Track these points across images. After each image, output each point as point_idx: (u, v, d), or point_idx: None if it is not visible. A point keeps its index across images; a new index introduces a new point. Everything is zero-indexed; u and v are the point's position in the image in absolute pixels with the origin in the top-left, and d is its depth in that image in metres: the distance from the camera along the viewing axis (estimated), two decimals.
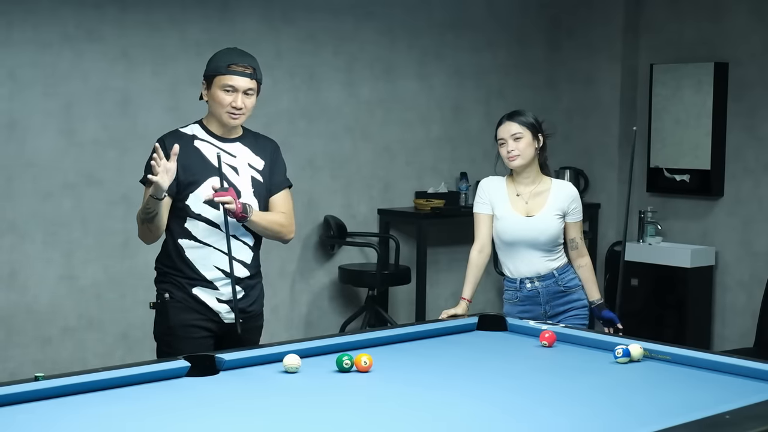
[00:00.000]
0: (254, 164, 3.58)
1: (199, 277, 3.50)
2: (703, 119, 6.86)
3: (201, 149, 3.51)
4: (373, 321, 6.42)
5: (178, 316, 3.50)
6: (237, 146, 3.57)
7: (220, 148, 3.52)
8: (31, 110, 5.38)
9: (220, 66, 3.46)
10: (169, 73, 5.81)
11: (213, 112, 3.52)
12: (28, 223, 5.40)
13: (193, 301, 3.51)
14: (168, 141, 3.47)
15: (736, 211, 6.85)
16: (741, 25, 6.78)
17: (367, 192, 6.73)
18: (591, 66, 7.41)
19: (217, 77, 3.46)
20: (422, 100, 6.97)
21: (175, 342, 3.49)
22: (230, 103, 3.46)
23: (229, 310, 3.53)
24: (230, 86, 3.45)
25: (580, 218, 4.08)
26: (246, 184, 3.54)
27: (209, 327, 3.53)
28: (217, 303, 3.53)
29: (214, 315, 3.52)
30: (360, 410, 2.72)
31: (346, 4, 6.55)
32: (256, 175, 3.57)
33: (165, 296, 3.52)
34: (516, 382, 3.01)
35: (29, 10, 5.33)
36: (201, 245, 3.49)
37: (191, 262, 3.50)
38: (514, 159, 3.96)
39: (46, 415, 2.61)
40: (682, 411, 2.60)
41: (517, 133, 3.95)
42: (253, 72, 3.50)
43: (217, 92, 3.46)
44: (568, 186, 4.09)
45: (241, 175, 3.54)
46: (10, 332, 5.38)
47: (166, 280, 3.55)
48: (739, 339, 6.72)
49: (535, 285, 4.00)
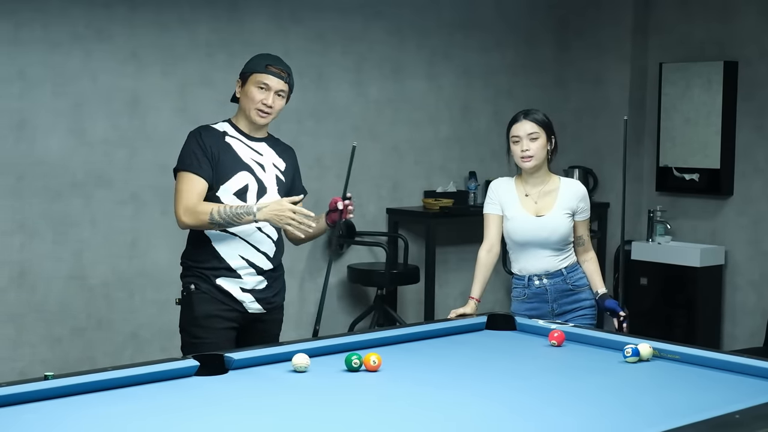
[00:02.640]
0: (278, 165, 3.76)
1: (224, 266, 3.61)
2: (712, 118, 6.85)
3: (232, 145, 3.66)
4: (381, 320, 6.42)
5: (203, 306, 3.61)
6: (263, 146, 3.74)
7: (248, 146, 3.68)
8: (41, 109, 5.39)
9: (259, 64, 3.65)
10: (178, 73, 5.81)
11: (243, 108, 3.68)
12: (37, 222, 5.41)
13: (217, 292, 3.62)
14: (204, 135, 3.64)
15: (745, 211, 6.83)
16: (750, 24, 6.76)
17: (375, 191, 6.73)
18: (600, 66, 7.39)
19: (253, 74, 3.64)
20: (431, 99, 6.97)
21: (199, 332, 3.59)
22: (262, 100, 3.62)
23: (252, 300, 3.65)
24: (265, 84, 3.63)
25: (588, 216, 4.08)
26: (272, 182, 3.70)
27: (233, 317, 3.63)
28: (241, 292, 3.63)
29: (238, 305, 3.63)
30: (369, 410, 2.72)
31: (355, 4, 6.55)
32: (279, 174, 3.75)
33: (191, 287, 3.64)
34: (525, 382, 3.01)
35: (39, 9, 5.34)
36: (228, 235, 3.61)
37: (217, 251, 3.62)
38: (528, 160, 3.95)
39: (55, 414, 2.62)
40: (692, 411, 2.59)
41: (534, 132, 3.94)
42: (288, 76, 3.69)
43: (251, 88, 3.63)
44: (576, 184, 4.09)
45: (267, 173, 3.70)
46: (20, 331, 5.39)
47: (191, 274, 3.67)
48: (749, 338, 6.70)
49: (543, 282, 4.00)
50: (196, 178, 3.57)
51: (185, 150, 3.63)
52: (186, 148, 3.64)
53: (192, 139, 3.64)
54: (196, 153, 3.59)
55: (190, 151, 3.61)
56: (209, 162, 3.58)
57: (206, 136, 3.63)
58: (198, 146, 3.60)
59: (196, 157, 3.58)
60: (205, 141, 3.60)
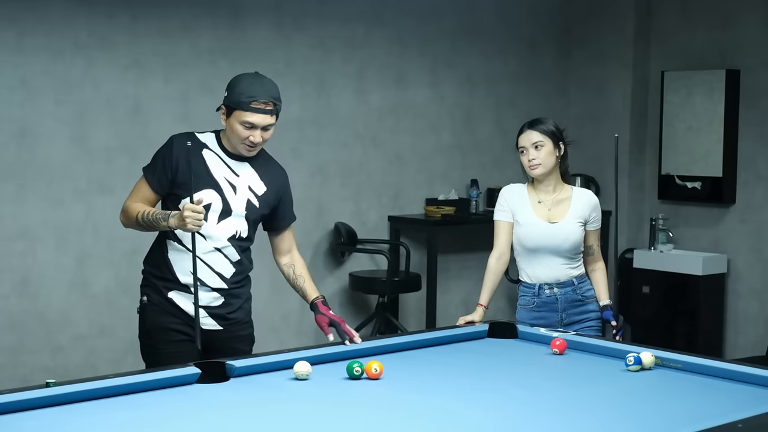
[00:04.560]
0: (255, 188, 3.56)
1: (175, 280, 3.49)
2: (714, 126, 6.85)
3: (207, 160, 3.51)
4: (383, 328, 6.41)
5: (155, 319, 3.51)
6: (244, 167, 3.55)
7: (225, 163, 3.52)
8: (43, 117, 5.40)
9: (242, 102, 3.40)
10: (180, 81, 5.82)
11: (229, 139, 3.51)
12: (39, 229, 5.42)
13: (168, 305, 3.51)
14: (177, 145, 3.48)
15: (748, 219, 6.83)
16: (752, 32, 6.77)
17: (377, 199, 6.73)
18: (602, 74, 7.40)
19: (237, 111, 3.42)
20: (433, 107, 6.97)
21: (153, 343, 3.51)
22: (248, 137, 3.44)
23: (206, 315, 3.50)
24: (249, 123, 3.42)
25: (599, 226, 4.09)
26: (240, 205, 3.51)
27: (187, 331, 3.49)
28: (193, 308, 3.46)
29: (190, 319, 3.48)
30: (370, 418, 2.72)
31: (357, 12, 6.56)
32: (253, 199, 3.55)
33: (143, 299, 3.55)
34: (527, 390, 3.00)
35: (41, 17, 5.35)
36: (183, 249, 3.48)
37: (170, 262, 3.50)
38: (535, 168, 3.96)
39: (56, 421, 2.61)
40: (694, 420, 2.58)
41: (538, 141, 3.95)
42: (274, 107, 3.45)
43: (236, 125, 3.43)
44: (588, 194, 4.09)
45: (238, 195, 3.52)
46: (22, 338, 5.39)
47: (146, 284, 3.58)
48: (752, 347, 6.69)
49: (554, 291, 3.99)
50: (146, 185, 3.52)
51: (156, 155, 3.53)
52: (157, 153, 3.53)
53: (165, 147, 3.53)
54: (156, 162, 3.51)
55: (156, 156, 3.52)
56: (167, 175, 3.47)
57: (179, 146, 3.46)
58: (164, 155, 3.50)
59: (156, 166, 3.51)
60: (174, 152, 3.47)
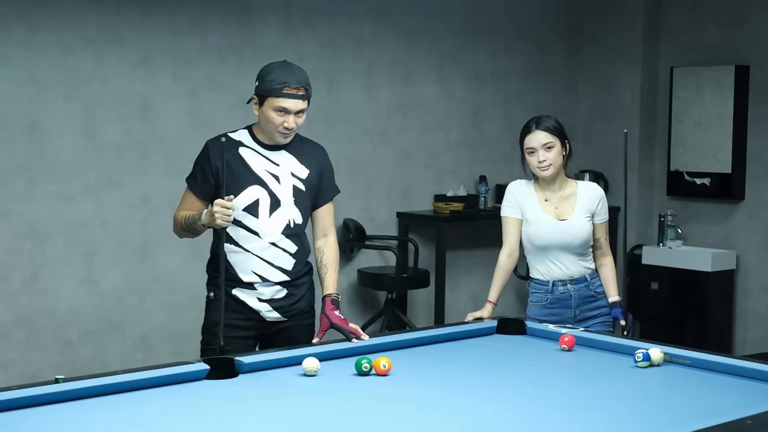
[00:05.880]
0: (298, 173, 3.62)
1: (237, 280, 3.57)
2: (723, 122, 6.83)
3: (245, 157, 3.56)
4: (391, 324, 6.42)
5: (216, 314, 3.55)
6: (282, 155, 3.60)
7: (264, 156, 3.57)
8: (53, 113, 5.41)
9: (275, 88, 3.45)
10: (189, 78, 5.83)
11: (263, 129, 3.56)
12: (49, 225, 5.43)
13: (233, 302, 3.57)
14: (212, 150, 3.54)
15: (757, 215, 6.81)
16: (762, 28, 6.75)
17: (386, 195, 6.73)
18: (611, 70, 7.38)
19: (269, 98, 3.47)
20: (441, 104, 6.97)
21: (211, 339, 3.55)
22: (282, 123, 3.49)
23: (270, 309, 3.59)
24: (283, 108, 3.46)
25: (606, 218, 4.07)
26: (287, 194, 3.58)
27: (249, 326, 3.58)
28: (258, 302, 3.58)
29: (254, 314, 3.58)
30: (379, 414, 2.72)
31: (366, 9, 6.55)
32: (298, 184, 3.61)
33: (210, 295, 3.62)
34: (536, 387, 3.00)
35: (51, 13, 5.36)
36: (241, 250, 3.56)
37: (231, 265, 3.57)
38: (546, 169, 3.91)
39: (66, 417, 2.62)
40: (703, 416, 2.58)
41: (549, 142, 3.90)
42: (306, 92, 3.51)
43: (270, 113, 3.48)
44: (593, 187, 4.07)
45: (283, 184, 3.58)
46: (32, 334, 5.41)
47: (212, 282, 3.64)
48: (761, 343, 6.68)
49: (568, 288, 3.97)
50: (191, 195, 3.61)
51: (195, 163, 3.61)
52: (196, 161, 3.61)
53: (202, 154, 3.59)
54: (197, 172, 3.59)
55: (196, 166, 3.60)
56: (209, 182, 3.54)
57: (214, 151, 3.51)
58: (203, 163, 3.57)
59: (197, 174, 3.58)
60: (212, 157, 3.53)
